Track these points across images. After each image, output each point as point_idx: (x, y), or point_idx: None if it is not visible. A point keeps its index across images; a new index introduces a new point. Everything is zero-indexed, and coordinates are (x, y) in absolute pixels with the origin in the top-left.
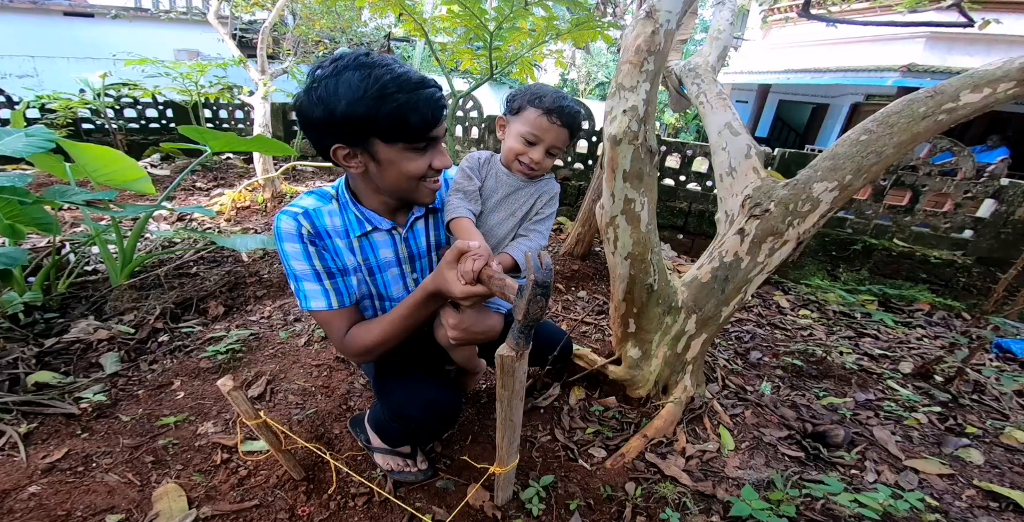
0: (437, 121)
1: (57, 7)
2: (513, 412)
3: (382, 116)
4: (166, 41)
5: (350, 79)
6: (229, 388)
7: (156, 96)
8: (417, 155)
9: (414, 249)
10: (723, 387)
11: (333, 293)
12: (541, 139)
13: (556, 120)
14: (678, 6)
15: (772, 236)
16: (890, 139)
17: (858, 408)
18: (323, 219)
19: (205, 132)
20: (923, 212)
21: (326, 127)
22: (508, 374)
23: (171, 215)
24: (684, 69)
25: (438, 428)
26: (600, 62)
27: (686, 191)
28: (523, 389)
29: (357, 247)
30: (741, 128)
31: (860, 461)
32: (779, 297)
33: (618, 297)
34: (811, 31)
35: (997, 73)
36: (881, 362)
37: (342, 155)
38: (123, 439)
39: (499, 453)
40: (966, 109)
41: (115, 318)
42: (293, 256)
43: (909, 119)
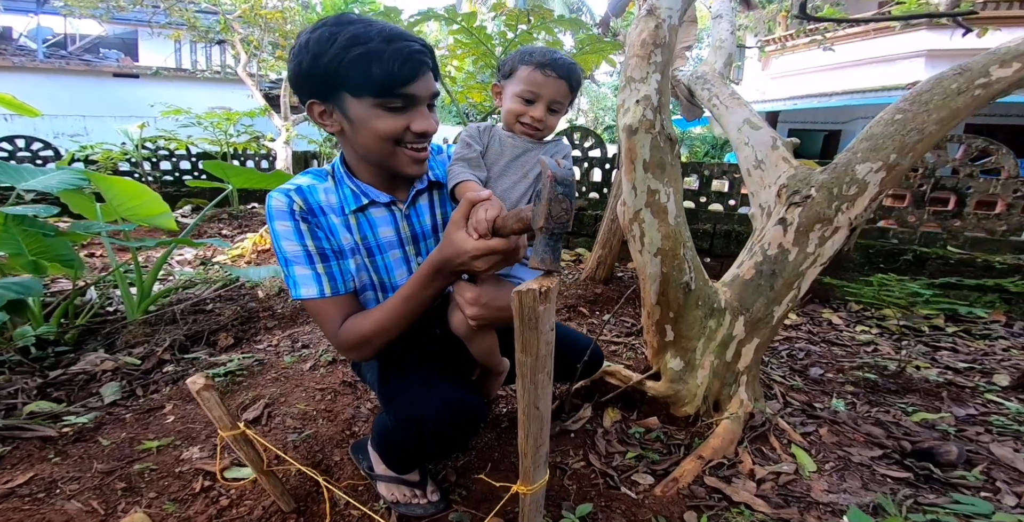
0: (411, 75)
1: (108, 69)
2: (539, 394)
3: (346, 64)
4: (201, 99)
5: (323, 32)
6: (199, 387)
7: (189, 147)
8: (389, 114)
9: (417, 228)
10: (784, 404)
11: (326, 278)
12: (539, 94)
13: (551, 72)
14: (677, 3)
15: (820, 223)
16: (928, 116)
17: (960, 424)
18: (317, 195)
19: (227, 167)
20: (973, 215)
21: (299, 81)
22: (530, 325)
23: (194, 259)
24: (692, 78)
25: (457, 436)
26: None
27: (708, 212)
28: (550, 355)
29: (354, 224)
30: (761, 122)
31: (988, 482)
32: (828, 314)
33: (650, 301)
34: (810, 58)
35: (1022, 47)
36: (969, 375)
37: (317, 112)
38: (97, 464)
39: (523, 464)
40: (1001, 83)
41: (125, 351)
42: (284, 236)
43: (943, 96)
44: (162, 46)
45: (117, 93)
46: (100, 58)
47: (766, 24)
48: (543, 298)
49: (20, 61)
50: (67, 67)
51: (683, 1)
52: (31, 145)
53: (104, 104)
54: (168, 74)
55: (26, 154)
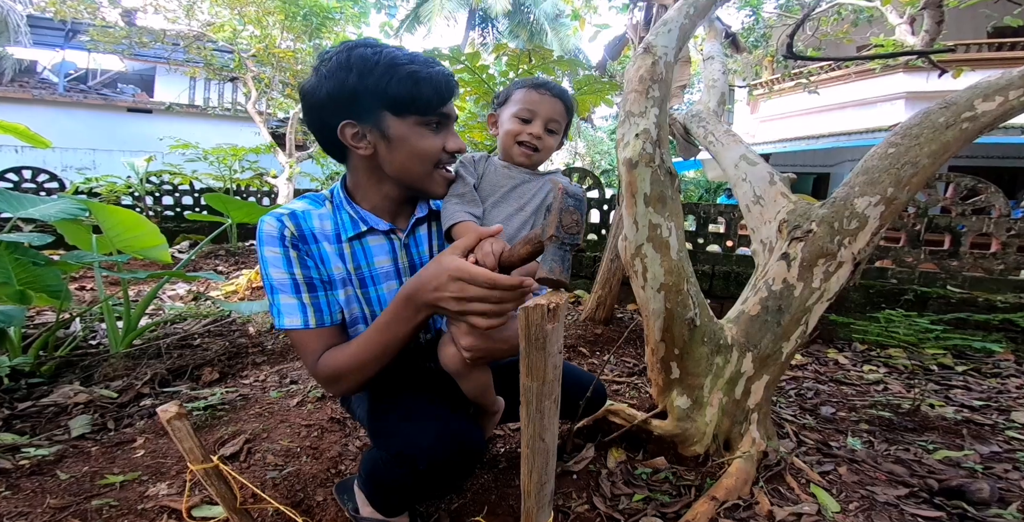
0: (450, 95)
1: (123, 103)
2: (545, 424)
3: (393, 84)
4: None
5: (362, 53)
6: (170, 415)
7: (193, 182)
8: (430, 132)
9: (416, 258)
10: (798, 443)
11: (311, 309)
12: (536, 112)
13: (545, 91)
14: (672, 42)
15: (823, 258)
16: (920, 149)
17: (986, 461)
18: (311, 221)
19: (228, 201)
20: (970, 255)
21: (334, 103)
22: (537, 345)
23: (186, 294)
24: (688, 116)
25: (454, 471)
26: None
27: (706, 253)
28: (558, 381)
29: (348, 253)
30: (757, 158)
31: None
32: (833, 354)
33: (655, 337)
34: (796, 101)
35: (1002, 82)
36: (987, 413)
37: (350, 134)
38: (50, 499)
39: (525, 505)
40: (987, 117)
41: (102, 384)
42: (272, 262)
43: (932, 130)
44: (177, 82)
45: (130, 127)
46: (118, 93)
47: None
48: (551, 316)
49: (40, 94)
50: (84, 101)
51: (678, 40)
52: (37, 176)
53: (116, 138)
54: (180, 110)
55: (31, 185)
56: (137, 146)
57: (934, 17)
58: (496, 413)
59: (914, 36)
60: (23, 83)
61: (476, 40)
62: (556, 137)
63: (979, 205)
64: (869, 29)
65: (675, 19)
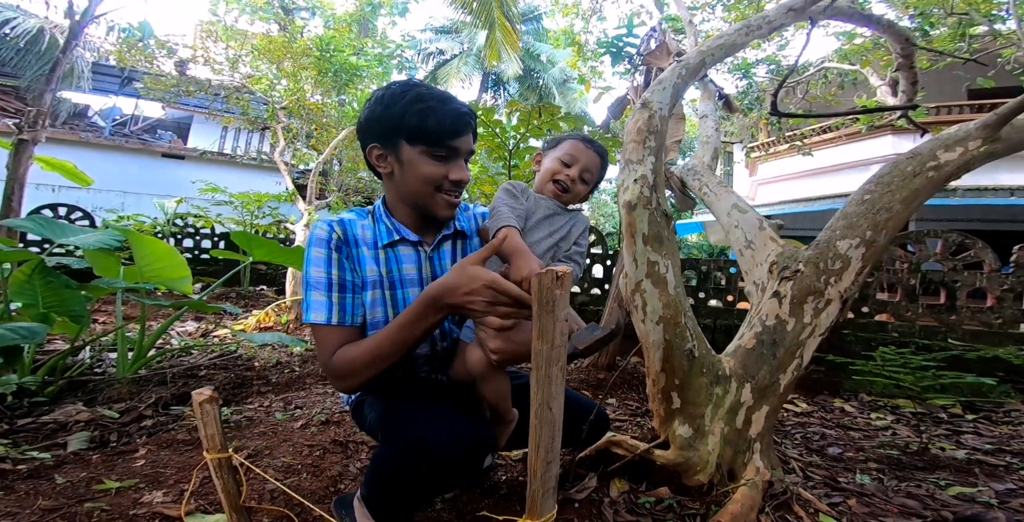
0: (457, 131)
1: (159, 148)
2: (552, 391)
3: (408, 116)
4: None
5: (395, 90)
6: (204, 398)
7: (215, 226)
8: (435, 161)
9: (438, 270)
10: (805, 478)
11: (337, 308)
12: (577, 159)
13: (591, 146)
14: (666, 98)
15: (811, 295)
16: (893, 196)
17: (1002, 497)
18: (355, 228)
19: (252, 238)
20: (967, 309)
21: (367, 129)
22: (547, 308)
23: (195, 331)
24: (684, 170)
25: (462, 463)
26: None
27: (708, 308)
28: (564, 347)
29: (383, 258)
30: (747, 206)
31: None
32: (839, 403)
33: (655, 368)
34: (793, 164)
35: (961, 134)
36: (999, 456)
37: (375, 155)
38: (42, 500)
39: (531, 487)
40: (950, 166)
41: (105, 406)
42: (314, 261)
43: (902, 178)
44: (211, 131)
45: (162, 172)
46: (156, 138)
47: (749, 130)
48: (559, 283)
49: (87, 136)
50: (125, 145)
51: (671, 97)
52: (71, 214)
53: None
54: (211, 157)
55: (64, 221)
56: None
57: (908, 79)
58: (511, 423)
59: (894, 98)
60: (73, 126)
61: (488, 102)
62: (586, 187)
63: (969, 260)
64: (855, 92)
65: (669, 79)
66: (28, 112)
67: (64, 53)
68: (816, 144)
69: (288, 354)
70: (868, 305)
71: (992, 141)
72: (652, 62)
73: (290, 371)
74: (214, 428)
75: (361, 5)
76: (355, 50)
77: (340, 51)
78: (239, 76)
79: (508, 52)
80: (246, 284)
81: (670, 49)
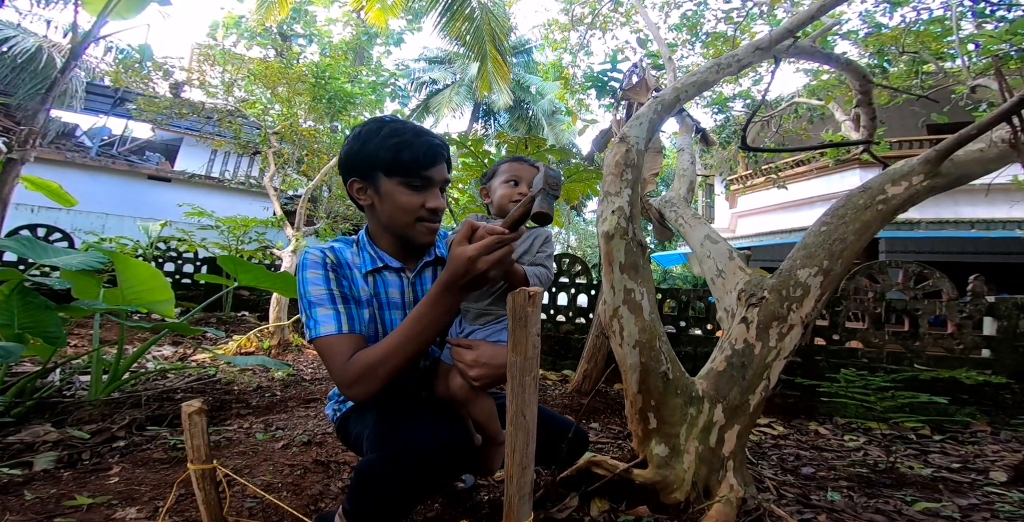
0: (431, 162)
1: (145, 170)
2: (526, 399)
3: (383, 150)
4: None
5: (371, 126)
6: (192, 410)
7: (198, 250)
8: (411, 192)
9: (420, 295)
10: (779, 496)
11: (345, 317)
12: (520, 177)
13: (525, 163)
14: (643, 133)
15: (776, 321)
16: (847, 227)
17: (966, 511)
18: (345, 254)
19: (239, 262)
20: (929, 335)
21: (347, 163)
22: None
23: (172, 355)
24: (661, 202)
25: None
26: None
27: (689, 336)
28: (537, 359)
29: (372, 282)
30: (719, 237)
31: None
32: (814, 426)
33: (632, 390)
34: (770, 196)
35: (905, 169)
36: (964, 474)
37: (356, 188)
38: (9, 516)
39: (507, 492)
40: (897, 199)
41: (75, 427)
42: (312, 282)
43: (855, 210)
44: (199, 154)
45: (147, 195)
46: (143, 160)
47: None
48: (531, 301)
49: (72, 156)
50: (111, 166)
51: (647, 131)
52: (50, 235)
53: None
54: (199, 181)
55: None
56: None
57: (868, 114)
58: (501, 444)
59: (857, 132)
60: (60, 145)
61: (479, 131)
62: None
63: (929, 289)
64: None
65: (646, 114)
66: (20, 131)
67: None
68: (790, 177)
69: (269, 379)
70: (838, 333)
71: (934, 176)
72: (632, 97)
73: (271, 395)
74: (200, 439)
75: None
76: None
77: (335, 78)
78: (233, 100)
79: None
80: (228, 309)
81: (649, 85)
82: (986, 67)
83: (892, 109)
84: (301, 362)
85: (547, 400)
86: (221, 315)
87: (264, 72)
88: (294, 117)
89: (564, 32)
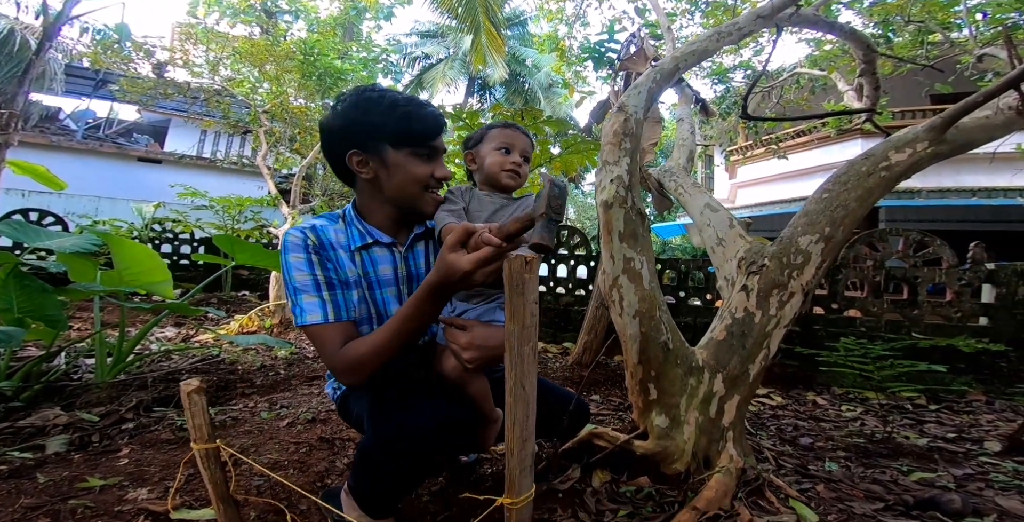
0: (438, 132)
1: (135, 152)
2: (525, 370)
3: (392, 121)
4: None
5: (369, 96)
6: (191, 388)
7: (195, 231)
8: (421, 161)
9: (413, 269)
10: (777, 466)
11: (331, 305)
12: (514, 145)
13: (516, 129)
14: (641, 102)
15: (776, 289)
16: (848, 194)
17: (960, 481)
18: (329, 234)
19: (235, 242)
20: (928, 304)
21: (344, 135)
22: (518, 291)
23: (175, 336)
24: (661, 172)
25: (440, 445)
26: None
27: (688, 306)
28: (535, 328)
29: (359, 261)
30: (719, 206)
31: None
32: (812, 396)
33: (632, 360)
34: (770, 167)
35: (909, 136)
36: (959, 443)
37: (356, 161)
38: (24, 499)
39: (508, 466)
40: (900, 166)
41: (84, 410)
42: (296, 267)
43: (857, 177)
44: (189, 135)
45: (138, 177)
46: (131, 142)
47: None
48: (529, 267)
49: (58, 140)
50: (99, 149)
51: (646, 100)
52: (43, 219)
53: (123, 187)
54: (190, 161)
55: (36, 227)
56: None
57: (871, 84)
58: (496, 422)
59: (860, 102)
60: (44, 129)
61: (475, 105)
62: (528, 166)
63: (928, 257)
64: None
65: (644, 83)
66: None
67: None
68: (791, 147)
69: (272, 358)
70: (837, 301)
71: (938, 143)
72: (630, 67)
73: (275, 374)
74: (202, 419)
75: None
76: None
77: (324, 55)
78: (219, 79)
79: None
80: (228, 289)
81: (647, 54)
82: (994, 36)
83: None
84: (303, 340)
85: (548, 373)
86: (221, 295)
87: (250, 50)
88: (284, 95)
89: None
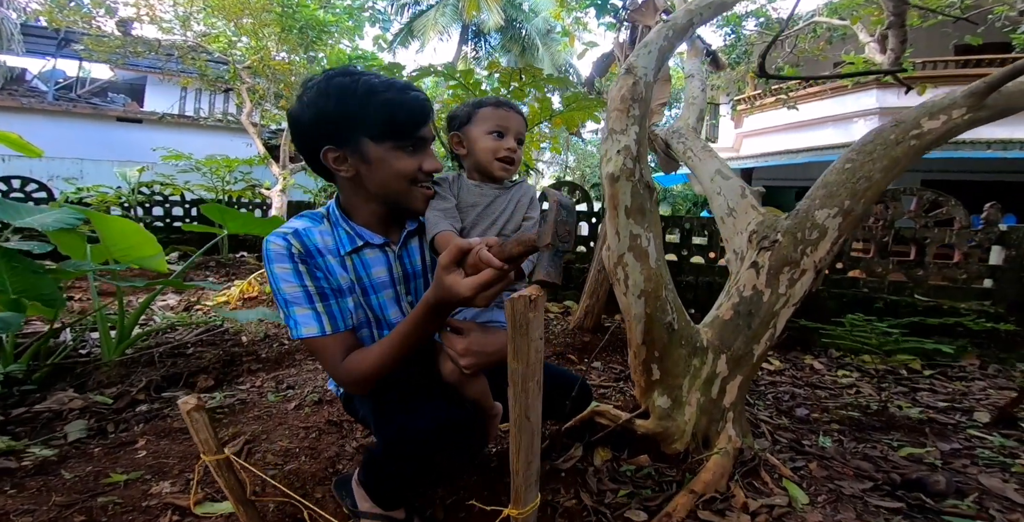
0: (425, 120)
1: (112, 112)
2: (529, 403)
3: (371, 112)
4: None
5: (341, 82)
6: (190, 407)
7: (184, 193)
8: (406, 155)
9: (409, 268)
10: (773, 442)
11: (326, 317)
12: (508, 128)
13: (510, 109)
14: (652, 63)
15: (788, 266)
16: (873, 165)
17: (946, 457)
18: (314, 238)
19: (225, 211)
20: (934, 265)
21: (316, 129)
22: (521, 331)
23: (177, 305)
24: (668, 132)
25: (451, 449)
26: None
27: (690, 264)
28: (540, 364)
29: (350, 265)
30: (730, 173)
31: (982, 511)
32: (810, 360)
33: (636, 341)
34: (778, 117)
35: (946, 102)
36: (950, 413)
37: (332, 158)
38: (56, 497)
39: (514, 483)
40: (932, 134)
41: (96, 391)
42: (283, 278)
43: (884, 146)
44: (168, 93)
45: (119, 137)
46: (107, 102)
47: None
48: (533, 306)
49: (29, 102)
50: (73, 110)
51: (657, 61)
52: (26, 186)
53: (105, 148)
54: (172, 120)
55: (19, 195)
56: (126, 156)
57: (898, 36)
58: (496, 416)
59: (882, 54)
60: (12, 91)
61: (469, 54)
62: (522, 148)
63: (941, 217)
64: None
65: (655, 41)
66: None
67: None
68: (802, 97)
69: (276, 326)
70: (842, 261)
71: (977, 109)
72: (637, 20)
73: (279, 345)
74: (206, 433)
75: None
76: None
77: (304, 6)
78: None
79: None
80: (225, 252)
81: (656, 6)
82: None
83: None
84: None
85: (549, 337)
86: (219, 258)
87: (222, 4)
88: (264, 50)
89: None
